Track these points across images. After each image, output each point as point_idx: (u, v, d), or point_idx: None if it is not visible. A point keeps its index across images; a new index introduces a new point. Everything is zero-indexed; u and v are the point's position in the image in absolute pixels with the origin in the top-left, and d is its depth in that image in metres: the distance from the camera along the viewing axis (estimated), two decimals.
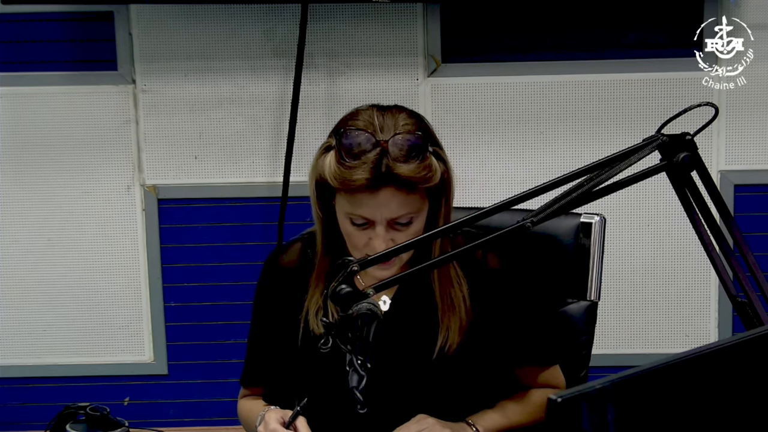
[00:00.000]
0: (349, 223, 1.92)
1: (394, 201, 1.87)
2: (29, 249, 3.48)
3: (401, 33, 3.36)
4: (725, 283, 1.74)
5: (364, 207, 1.88)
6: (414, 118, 1.94)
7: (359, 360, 1.69)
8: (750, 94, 3.30)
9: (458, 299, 1.99)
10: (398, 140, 1.87)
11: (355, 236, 1.92)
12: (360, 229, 1.91)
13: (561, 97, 3.36)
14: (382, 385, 1.95)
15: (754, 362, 1.36)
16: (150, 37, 3.38)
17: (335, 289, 1.70)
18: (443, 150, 1.97)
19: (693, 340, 3.43)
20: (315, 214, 2.00)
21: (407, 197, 1.88)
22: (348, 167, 1.86)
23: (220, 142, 3.43)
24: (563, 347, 2.17)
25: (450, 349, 1.98)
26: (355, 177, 1.85)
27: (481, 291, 2.01)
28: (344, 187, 1.88)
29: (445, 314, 1.98)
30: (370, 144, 1.86)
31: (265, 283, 2.13)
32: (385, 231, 1.89)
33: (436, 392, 2.00)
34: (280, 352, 2.07)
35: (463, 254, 1.80)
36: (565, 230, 2.23)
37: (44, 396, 3.54)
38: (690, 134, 1.72)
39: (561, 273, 2.23)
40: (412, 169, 1.86)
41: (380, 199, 1.87)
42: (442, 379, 1.99)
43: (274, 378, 2.10)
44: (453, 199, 2.00)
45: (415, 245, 1.85)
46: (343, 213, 1.92)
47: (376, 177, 1.85)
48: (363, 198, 1.87)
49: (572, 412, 1.20)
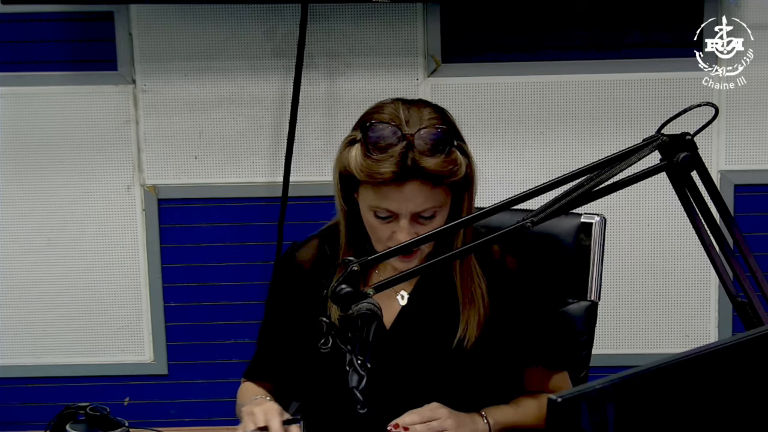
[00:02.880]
0: (373, 215, 1.93)
1: (419, 195, 1.88)
2: (29, 249, 3.48)
3: (401, 33, 3.36)
4: (725, 283, 1.74)
5: (389, 200, 1.89)
6: (439, 113, 1.96)
7: (359, 360, 1.69)
8: (750, 94, 3.30)
9: (478, 294, 2.01)
10: (424, 134, 1.88)
11: (379, 229, 1.94)
12: (384, 222, 1.92)
13: (561, 97, 3.36)
14: (400, 378, 1.97)
15: (754, 362, 1.36)
16: (150, 37, 3.38)
17: (335, 289, 1.71)
18: (467, 145, 1.98)
19: (693, 340, 3.43)
20: (339, 206, 2.01)
21: (432, 191, 1.89)
22: (374, 160, 1.87)
23: (220, 142, 3.43)
24: (571, 355, 2.18)
25: (468, 342, 1.99)
26: (381, 170, 1.87)
27: (498, 289, 2.02)
28: (370, 179, 1.89)
29: (466, 308, 2.00)
30: (396, 137, 1.88)
31: (279, 279, 2.14)
32: (408, 224, 1.90)
33: (451, 385, 2.00)
34: (290, 349, 2.08)
35: (466, 253, 1.81)
36: (565, 230, 2.24)
37: (44, 396, 3.54)
38: (690, 134, 1.72)
39: (561, 273, 2.24)
40: (438, 163, 1.88)
41: (406, 192, 1.88)
42: (458, 372, 2.00)
43: (280, 375, 2.10)
44: (476, 195, 2.00)
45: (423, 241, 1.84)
46: (367, 206, 1.94)
47: (402, 170, 1.86)
48: (388, 191, 1.88)
49: (572, 412, 1.20)
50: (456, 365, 2.00)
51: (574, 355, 2.20)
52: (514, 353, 2.04)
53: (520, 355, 2.05)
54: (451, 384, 2.01)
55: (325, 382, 2.02)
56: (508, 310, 2.03)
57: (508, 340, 2.03)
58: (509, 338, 2.03)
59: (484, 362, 2.02)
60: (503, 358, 2.03)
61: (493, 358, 2.02)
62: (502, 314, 2.02)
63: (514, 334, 2.03)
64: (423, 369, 2.01)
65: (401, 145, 1.87)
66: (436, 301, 2.03)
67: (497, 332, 2.02)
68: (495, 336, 2.02)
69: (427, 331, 2.02)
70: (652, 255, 3.41)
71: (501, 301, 2.02)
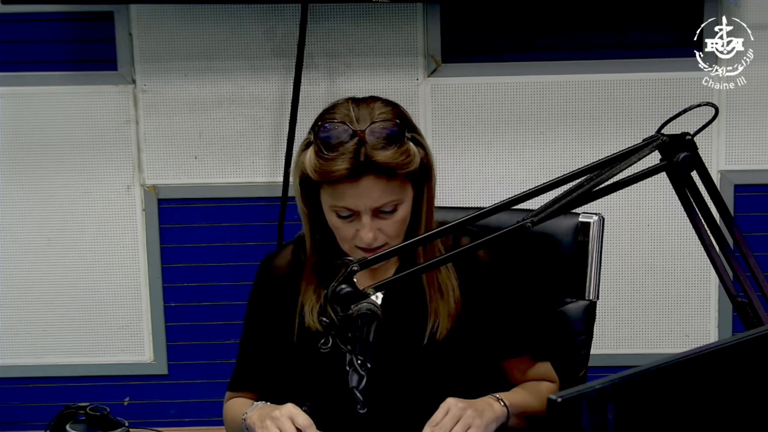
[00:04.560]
0: (335, 216, 1.94)
1: (375, 189, 1.89)
2: (29, 249, 3.48)
3: (401, 33, 3.36)
4: (725, 283, 1.74)
5: (346, 198, 1.90)
6: (389, 106, 1.97)
7: (359, 360, 1.69)
8: (750, 94, 3.30)
9: (446, 285, 2.01)
10: (375, 128, 1.90)
11: (342, 229, 1.95)
12: (346, 221, 1.94)
13: (561, 97, 3.35)
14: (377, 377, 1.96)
15: (754, 362, 1.36)
16: (150, 37, 3.38)
17: (335, 289, 1.71)
18: (422, 136, 1.99)
19: (693, 340, 3.43)
20: (301, 211, 2.03)
21: (388, 184, 1.90)
22: (327, 159, 1.89)
23: (220, 142, 3.43)
24: (555, 344, 2.17)
25: (440, 335, 1.99)
26: (334, 168, 1.88)
27: (470, 282, 2.03)
28: (325, 179, 1.90)
29: (433, 299, 2.00)
30: (347, 135, 1.89)
31: (256, 288, 2.15)
32: (370, 220, 1.91)
33: (427, 379, 2.00)
34: (272, 357, 2.08)
35: (464, 254, 1.81)
36: (563, 230, 2.24)
37: (44, 396, 3.54)
38: (690, 134, 1.72)
39: (560, 272, 2.24)
40: (389, 155, 1.89)
41: (361, 188, 1.89)
42: (434, 366, 2.01)
43: (264, 384, 2.09)
44: (435, 184, 2.01)
45: (415, 245, 1.85)
46: (327, 206, 1.95)
47: (356, 166, 1.88)
48: (345, 189, 1.90)
49: (572, 412, 1.20)
50: (430, 359, 2.00)
51: (557, 345, 2.19)
52: (492, 345, 2.04)
53: (500, 346, 2.04)
54: (427, 378, 2.01)
55: (319, 381, 2.02)
56: (482, 301, 2.03)
57: (484, 332, 2.03)
58: (485, 330, 2.03)
59: (459, 355, 2.02)
60: (479, 351, 2.03)
61: (468, 351, 2.02)
62: (476, 307, 2.02)
63: (491, 325, 2.03)
64: (398, 365, 2.01)
65: (353, 141, 1.88)
66: (407, 298, 2.02)
67: (471, 324, 2.02)
68: (469, 328, 2.02)
69: (400, 328, 2.01)
70: (652, 255, 3.41)
71: (474, 293, 2.02)
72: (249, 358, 2.13)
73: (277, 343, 2.06)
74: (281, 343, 2.05)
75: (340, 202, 1.91)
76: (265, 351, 2.09)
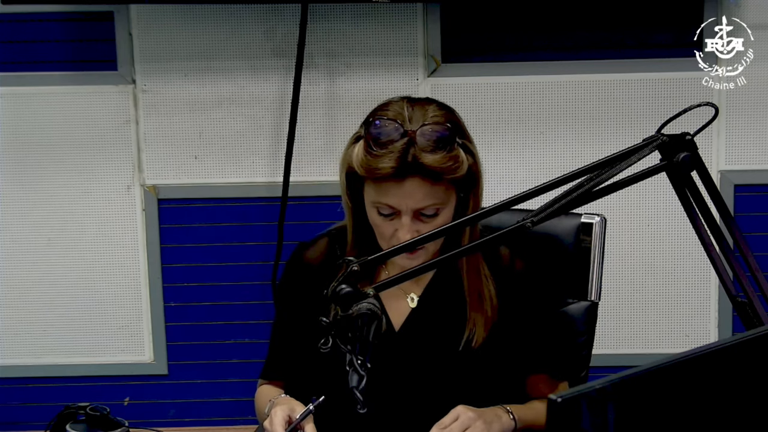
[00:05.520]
0: (376, 212, 1.94)
1: (419, 191, 1.89)
2: (29, 249, 3.48)
3: (401, 33, 3.36)
4: (725, 283, 1.74)
5: (390, 196, 1.90)
6: (444, 110, 1.96)
7: (359, 360, 1.69)
8: (750, 94, 3.30)
9: (486, 295, 2.01)
10: (426, 131, 1.89)
11: (382, 226, 1.95)
12: (387, 219, 1.94)
13: (561, 97, 3.35)
14: (409, 379, 1.98)
15: (754, 362, 1.36)
16: (150, 37, 3.38)
17: (335, 289, 1.71)
18: (473, 144, 1.98)
19: (693, 340, 3.42)
20: (345, 204, 2.03)
21: (432, 188, 1.90)
22: (375, 156, 1.89)
23: (220, 142, 3.43)
24: (573, 364, 2.18)
25: (476, 343, 2.00)
26: (381, 165, 1.88)
27: (507, 292, 2.03)
28: (371, 175, 1.90)
29: (473, 308, 2.01)
30: (397, 133, 1.89)
31: (287, 277, 2.14)
32: (410, 221, 1.91)
33: (458, 387, 2.01)
34: (301, 348, 2.08)
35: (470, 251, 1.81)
36: (565, 230, 2.24)
37: (44, 396, 3.54)
38: (690, 134, 1.72)
39: (561, 273, 2.23)
40: (437, 159, 1.88)
41: (406, 188, 1.89)
42: (465, 374, 2.01)
43: (293, 374, 2.11)
44: (482, 194, 2.01)
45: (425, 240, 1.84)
46: (370, 202, 1.95)
47: (402, 166, 1.87)
48: (389, 187, 1.89)
49: (572, 412, 1.20)
50: (463, 367, 2.01)
51: (575, 363, 2.20)
52: (521, 358, 2.05)
53: (526, 360, 2.05)
54: (458, 386, 2.01)
55: (328, 381, 2.02)
56: (517, 313, 2.03)
57: (516, 344, 2.03)
58: (517, 342, 2.03)
59: (491, 365, 2.02)
60: (510, 362, 2.04)
61: (499, 361, 2.03)
62: (511, 317, 2.03)
63: (522, 338, 2.04)
64: (431, 371, 2.02)
65: (402, 141, 1.88)
66: (445, 304, 2.03)
67: (505, 335, 2.02)
68: (503, 338, 2.02)
69: (436, 333, 2.02)
70: (652, 255, 3.41)
71: (510, 304, 2.03)
72: (278, 347, 2.14)
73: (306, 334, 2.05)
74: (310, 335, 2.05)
75: (383, 199, 1.91)
76: (293, 342, 2.10)
